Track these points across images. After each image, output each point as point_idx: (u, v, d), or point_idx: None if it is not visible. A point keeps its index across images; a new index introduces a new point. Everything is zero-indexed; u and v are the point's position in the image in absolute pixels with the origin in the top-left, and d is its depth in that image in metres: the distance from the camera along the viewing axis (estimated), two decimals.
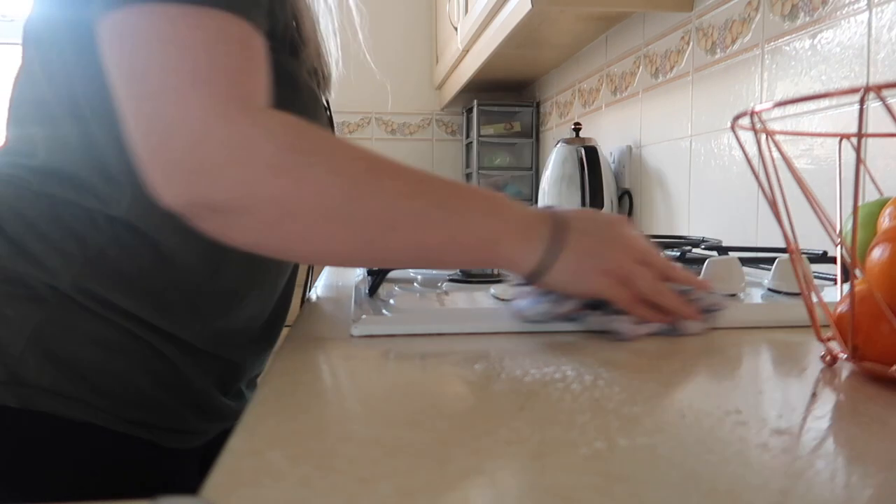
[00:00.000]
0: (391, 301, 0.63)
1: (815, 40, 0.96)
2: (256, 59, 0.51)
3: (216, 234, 0.51)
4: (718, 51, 1.22)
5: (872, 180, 0.59)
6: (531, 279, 0.55)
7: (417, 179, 0.52)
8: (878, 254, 0.44)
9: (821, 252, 0.76)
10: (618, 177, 1.65)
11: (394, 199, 0.51)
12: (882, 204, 0.59)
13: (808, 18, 0.98)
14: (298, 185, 0.48)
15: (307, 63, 0.66)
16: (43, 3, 0.64)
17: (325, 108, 0.76)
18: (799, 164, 0.99)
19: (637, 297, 0.56)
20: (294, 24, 0.64)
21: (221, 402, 0.71)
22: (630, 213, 1.62)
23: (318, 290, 0.90)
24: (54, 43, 0.63)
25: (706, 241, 1.00)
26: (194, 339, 0.65)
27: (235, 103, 0.48)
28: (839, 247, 0.47)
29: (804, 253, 0.71)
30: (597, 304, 0.56)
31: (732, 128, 0.48)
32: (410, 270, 0.92)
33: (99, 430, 0.60)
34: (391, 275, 0.88)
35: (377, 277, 0.72)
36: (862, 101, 0.39)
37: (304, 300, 0.82)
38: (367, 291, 0.71)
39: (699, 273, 0.70)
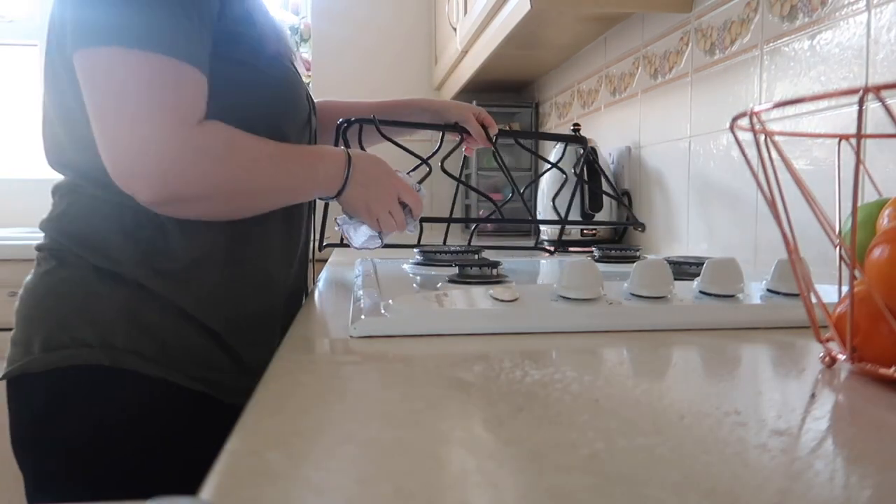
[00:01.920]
0: (390, 302, 0.63)
1: (815, 41, 0.96)
2: (187, 85, 0.71)
3: (178, 215, 0.75)
4: (717, 51, 1.22)
5: (871, 181, 0.59)
6: (338, 197, 0.86)
7: (281, 155, 0.78)
8: (877, 254, 0.44)
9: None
10: (617, 177, 1.65)
11: (280, 181, 0.79)
12: (881, 205, 0.59)
13: (807, 19, 0.98)
14: (227, 178, 0.74)
15: (278, 51, 0.85)
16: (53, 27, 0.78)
17: (308, 98, 0.95)
18: (798, 164, 0.99)
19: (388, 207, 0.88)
20: (256, 28, 0.81)
21: (256, 365, 0.84)
22: (629, 213, 1.62)
23: (317, 291, 0.90)
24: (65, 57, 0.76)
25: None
26: (226, 312, 0.81)
27: (182, 127, 0.69)
28: (838, 247, 0.48)
29: None
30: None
31: (731, 129, 0.48)
32: (409, 271, 0.93)
33: (171, 384, 0.77)
34: (390, 275, 0.88)
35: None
36: (861, 102, 0.39)
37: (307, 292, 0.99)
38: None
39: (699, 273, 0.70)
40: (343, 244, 1.11)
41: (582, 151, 1.58)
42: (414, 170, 1.18)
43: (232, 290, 0.82)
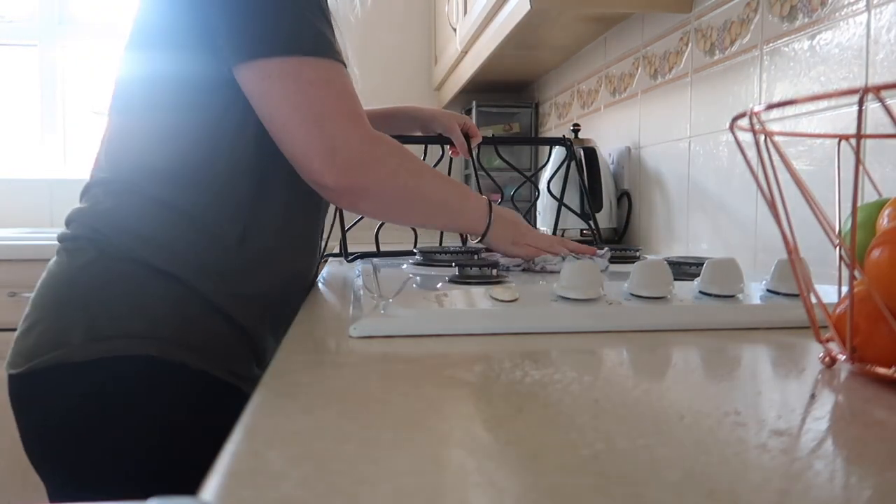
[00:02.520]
0: (390, 302, 0.63)
1: (814, 41, 0.96)
2: (355, 90, 0.81)
3: (348, 206, 0.84)
4: (717, 52, 1.22)
5: (871, 181, 0.59)
6: (482, 238, 0.95)
7: (451, 188, 0.92)
8: (876, 255, 0.44)
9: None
10: (617, 178, 1.65)
11: (438, 196, 0.90)
12: (881, 205, 0.59)
13: (806, 19, 0.98)
14: (406, 181, 0.84)
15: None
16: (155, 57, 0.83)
17: None
18: (798, 164, 0.99)
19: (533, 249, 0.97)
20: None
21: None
22: (629, 213, 1.62)
23: (317, 290, 0.90)
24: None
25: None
26: (263, 313, 0.86)
27: (372, 131, 0.80)
28: (838, 248, 0.48)
29: None
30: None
31: (731, 129, 0.48)
32: (409, 272, 0.93)
33: (209, 376, 0.80)
34: (390, 275, 0.88)
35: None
36: (861, 102, 0.39)
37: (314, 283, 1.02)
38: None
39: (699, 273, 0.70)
40: (371, 254, 1.17)
41: (581, 152, 1.58)
42: None
43: (272, 293, 0.87)
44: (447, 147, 1.30)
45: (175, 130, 0.81)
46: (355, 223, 1.25)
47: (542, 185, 1.62)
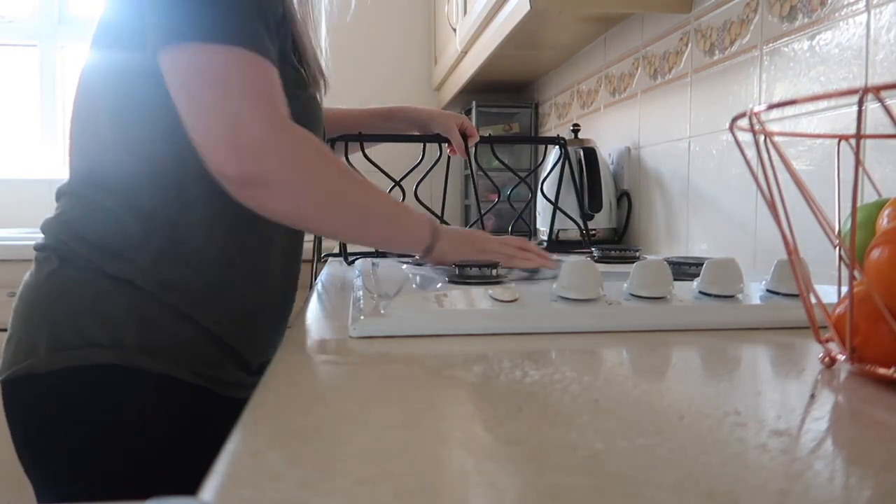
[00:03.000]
0: (389, 302, 0.63)
1: (814, 41, 0.96)
2: (279, 84, 0.75)
3: (256, 203, 0.74)
4: (717, 52, 1.22)
5: (871, 181, 0.59)
6: (425, 254, 0.86)
7: (379, 199, 0.83)
8: (876, 255, 0.44)
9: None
10: (616, 178, 1.65)
11: (367, 204, 0.81)
12: (881, 205, 0.59)
13: (806, 20, 0.98)
14: (320, 177, 0.76)
15: (309, 73, 0.88)
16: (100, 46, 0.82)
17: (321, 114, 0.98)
18: (797, 165, 0.99)
19: (493, 250, 0.89)
20: (294, 45, 0.85)
21: (256, 362, 0.90)
22: (629, 214, 1.62)
23: (317, 290, 0.90)
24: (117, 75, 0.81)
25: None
26: (228, 314, 0.84)
27: (284, 120, 0.73)
28: (838, 248, 0.48)
29: None
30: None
31: (731, 129, 0.48)
32: (409, 272, 0.93)
33: (173, 380, 0.79)
34: (389, 275, 0.88)
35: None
36: (860, 103, 0.39)
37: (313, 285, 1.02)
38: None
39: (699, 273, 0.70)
40: (371, 254, 1.17)
41: (581, 152, 1.58)
42: (390, 190, 1.24)
43: (234, 294, 0.85)
44: (445, 146, 1.30)
45: (127, 134, 0.79)
46: None
47: (545, 185, 1.62)
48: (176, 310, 0.80)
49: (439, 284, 0.78)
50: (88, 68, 0.82)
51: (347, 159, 1.17)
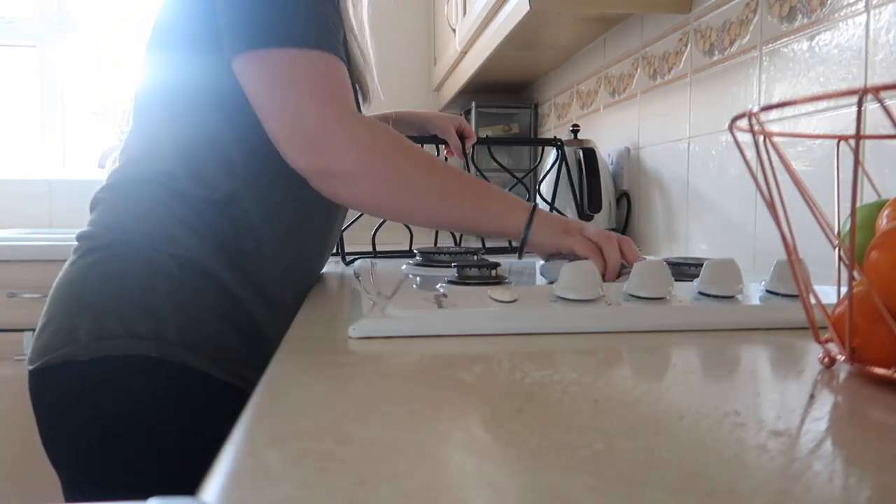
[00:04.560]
0: (389, 303, 0.63)
1: (814, 42, 0.97)
2: (346, 81, 0.79)
3: (329, 193, 0.80)
4: (717, 52, 1.22)
5: (871, 182, 0.59)
6: (518, 238, 0.83)
7: (462, 180, 0.82)
8: (876, 256, 0.44)
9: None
10: (616, 178, 1.65)
11: (447, 188, 0.81)
12: (880, 205, 0.59)
13: (806, 20, 0.98)
14: (385, 165, 0.78)
15: (356, 80, 0.92)
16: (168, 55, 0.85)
17: None
18: (797, 165, 0.99)
19: (591, 244, 0.82)
20: (346, 52, 0.87)
21: None
22: (628, 214, 1.62)
23: (317, 291, 0.90)
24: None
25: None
26: (273, 314, 0.86)
27: (347, 113, 0.76)
28: (837, 248, 0.48)
29: None
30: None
31: (730, 129, 0.48)
32: (409, 272, 0.93)
33: (212, 378, 0.81)
34: (389, 275, 0.88)
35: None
36: (860, 103, 0.39)
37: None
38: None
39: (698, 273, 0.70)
40: (369, 254, 1.17)
41: (581, 152, 1.58)
42: None
43: (284, 294, 0.87)
44: (443, 148, 1.30)
45: (190, 130, 0.82)
46: (352, 223, 1.25)
47: (542, 186, 1.62)
48: (218, 307, 0.82)
49: (439, 285, 0.78)
50: (146, 70, 0.85)
51: None
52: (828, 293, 0.59)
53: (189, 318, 0.80)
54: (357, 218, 1.24)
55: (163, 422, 0.79)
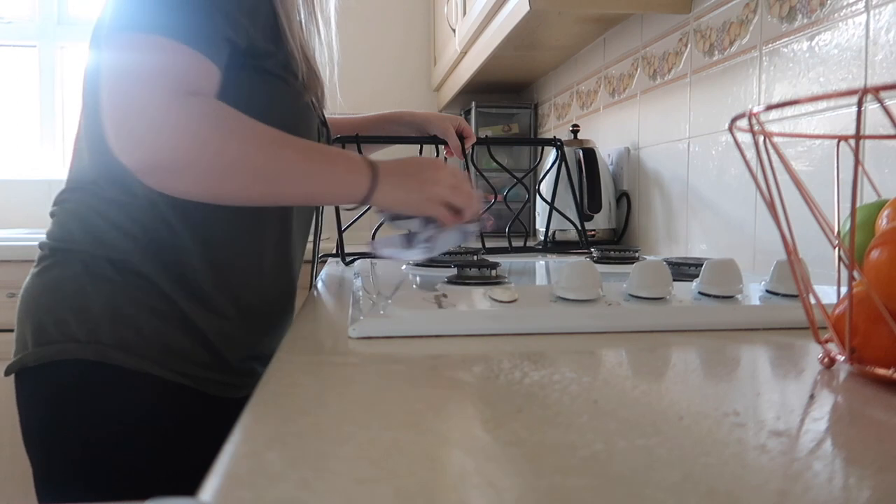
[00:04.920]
0: (389, 303, 0.63)
1: (813, 42, 0.97)
2: (195, 72, 0.71)
3: (162, 187, 0.71)
4: (716, 52, 1.22)
5: (870, 182, 0.59)
6: (364, 202, 0.78)
7: (291, 141, 0.74)
8: (875, 256, 0.44)
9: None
10: (616, 178, 1.65)
11: (279, 164, 0.73)
12: (880, 206, 0.59)
13: (805, 20, 0.98)
14: (213, 150, 0.69)
15: (300, 80, 0.86)
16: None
17: (320, 119, 0.96)
18: (797, 165, 0.99)
19: (440, 200, 0.79)
20: (288, 47, 0.83)
21: (248, 363, 0.89)
22: (628, 214, 1.62)
23: (317, 291, 0.90)
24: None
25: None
26: (219, 310, 0.84)
27: (175, 94, 0.68)
28: (837, 248, 0.48)
29: None
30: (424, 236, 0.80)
31: (730, 130, 0.48)
32: (409, 273, 0.93)
33: (154, 378, 0.79)
34: (389, 275, 0.88)
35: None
36: (860, 103, 0.39)
37: (312, 285, 1.01)
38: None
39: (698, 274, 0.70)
40: (370, 255, 1.16)
41: (581, 152, 1.58)
42: None
43: (218, 292, 0.84)
44: (442, 148, 1.31)
45: (102, 136, 0.78)
46: (352, 223, 1.25)
47: (542, 186, 1.62)
48: (155, 307, 0.80)
49: (438, 285, 0.78)
50: (89, 70, 0.83)
51: None
52: (828, 293, 0.59)
53: (125, 320, 0.79)
54: (357, 218, 1.24)
55: (113, 425, 0.79)
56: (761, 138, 0.46)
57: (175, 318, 0.81)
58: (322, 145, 0.80)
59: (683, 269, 0.86)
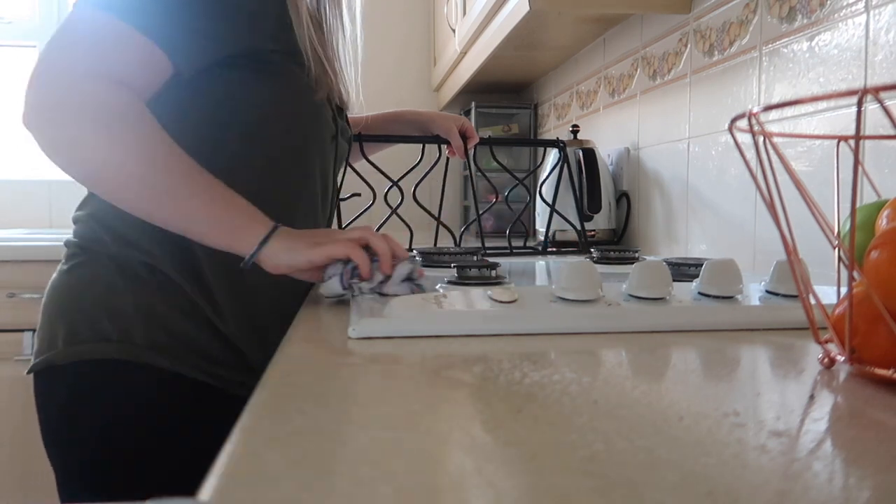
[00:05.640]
0: (389, 303, 0.63)
1: (813, 42, 0.97)
2: (148, 70, 0.72)
3: (51, 158, 0.72)
4: (716, 53, 1.22)
5: (870, 182, 0.59)
6: (249, 259, 0.73)
7: (200, 184, 0.72)
8: (875, 256, 0.44)
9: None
10: (616, 179, 1.65)
11: (178, 189, 0.71)
12: (880, 206, 0.59)
13: (805, 21, 0.98)
14: (111, 149, 0.69)
15: (311, 77, 0.85)
16: None
17: (334, 121, 0.96)
18: (797, 165, 0.99)
19: (348, 242, 0.72)
20: (306, 49, 0.83)
21: (260, 364, 0.85)
22: (628, 214, 1.62)
23: (315, 292, 0.90)
24: None
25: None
26: (237, 313, 0.84)
27: (94, 79, 0.69)
28: (837, 249, 0.48)
29: None
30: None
31: (730, 130, 0.48)
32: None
33: (184, 378, 0.80)
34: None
35: None
36: (860, 104, 0.39)
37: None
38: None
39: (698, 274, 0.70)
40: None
41: (581, 153, 1.58)
42: (388, 191, 1.25)
43: (245, 292, 0.85)
44: (444, 148, 1.31)
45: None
46: (352, 222, 1.25)
47: (543, 187, 1.62)
48: (185, 307, 0.81)
49: (439, 285, 0.78)
50: None
51: (347, 161, 1.18)
52: (828, 293, 0.59)
53: (155, 320, 0.80)
54: (356, 218, 1.25)
55: (140, 424, 0.80)
56: (761, 138, 0.46)
57: (202, 319, 0.82)
58: (229, 190, 0.74)
59: (683, 270, 0.86)
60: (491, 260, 0.93)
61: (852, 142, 0.41)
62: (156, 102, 0.76)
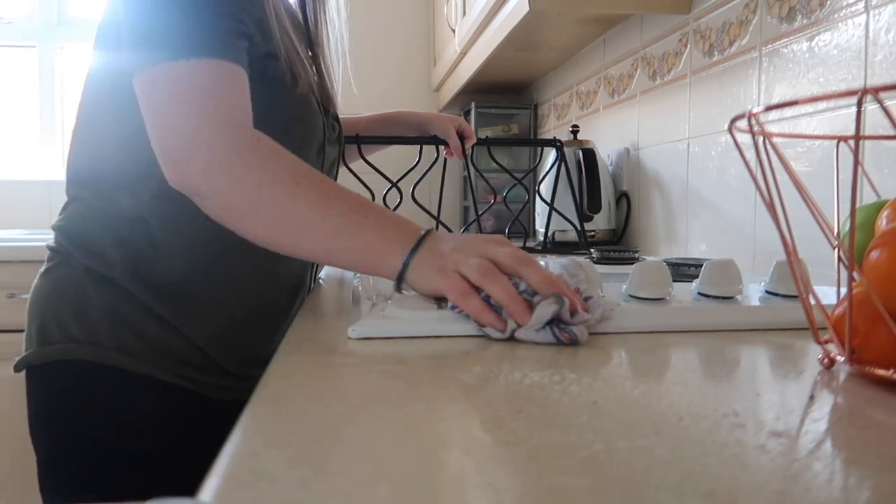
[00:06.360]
0: (389, 303, 0.63)
1: (813, 43, 0.97)
2: (241, 91, 0.71)
3: (211, 211, 0.70)
4: (716, 53, 1.22)
5: (870, 182, 0.59)
6: (398, 282, 0.65)
7: (333, 196, 0.68)
8: (875, 256, 0.44)
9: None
10: (615, 179, 1.65)
11: (309, 209, 0.67)
12: (880, 206, 0.59)
13: (805, 21, 0.98)
14: (243, 188, 0.67)
15: (294, 77, 0.83)
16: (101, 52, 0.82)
17: (325, 123, 0.93)
18: (796, 166, 0.99)
19: (467, 290, 0.59)
20: (287, 48, 0.82)
21: (245, 367, 0.88)
22: (628, 215, 1.62)
23: (317, 291, 0.90)
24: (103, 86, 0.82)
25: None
26: (211, 319, 0.84)
27: (237, 134, 0.68)
28: (837, 249, 0.48)
29: None
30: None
31: (730, 130, 0.48)
32: None
33: (153, 380, 0.80)
34: None
35: None
36: (859, 104, 0.39)
37: (310, 289, 0.98)
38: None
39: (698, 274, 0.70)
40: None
41: (580, 153, 1.58)
42: (387, 192, 1.25)
43: (210, 298, 0.84)
44: (442, 148, 1.31)
45: (108, 133, 0.81)
46: None
47: (542, 186, 1.62)
48: (152, 310, 0.81)
49: None
50: (93, 71, 0.83)
51: (345, 163, 1.18)
52: (827, 294, 0.59)
53: (124, 322, 0.80)
54: None
55: (102, 424, 0.80)
56: (761, 139, 0.46)
57: (166, 324, 0.82)
58: (367, 210, 0.69)
59: (683, 270, 0.86)
60: None
61: (852, 142, 0.41)
62: (118, 123, 0.77)
